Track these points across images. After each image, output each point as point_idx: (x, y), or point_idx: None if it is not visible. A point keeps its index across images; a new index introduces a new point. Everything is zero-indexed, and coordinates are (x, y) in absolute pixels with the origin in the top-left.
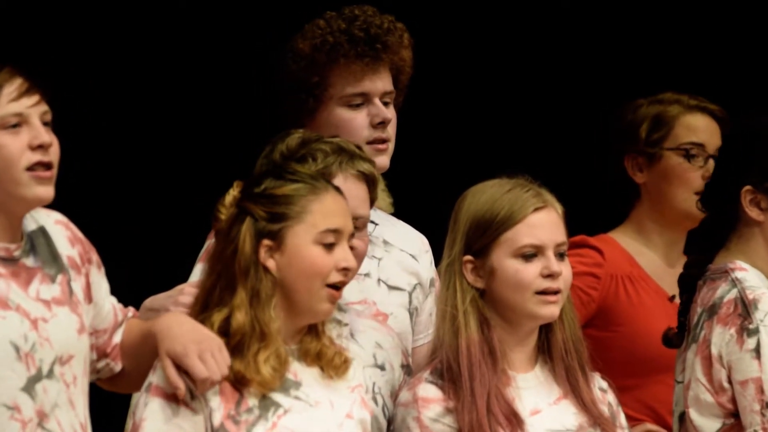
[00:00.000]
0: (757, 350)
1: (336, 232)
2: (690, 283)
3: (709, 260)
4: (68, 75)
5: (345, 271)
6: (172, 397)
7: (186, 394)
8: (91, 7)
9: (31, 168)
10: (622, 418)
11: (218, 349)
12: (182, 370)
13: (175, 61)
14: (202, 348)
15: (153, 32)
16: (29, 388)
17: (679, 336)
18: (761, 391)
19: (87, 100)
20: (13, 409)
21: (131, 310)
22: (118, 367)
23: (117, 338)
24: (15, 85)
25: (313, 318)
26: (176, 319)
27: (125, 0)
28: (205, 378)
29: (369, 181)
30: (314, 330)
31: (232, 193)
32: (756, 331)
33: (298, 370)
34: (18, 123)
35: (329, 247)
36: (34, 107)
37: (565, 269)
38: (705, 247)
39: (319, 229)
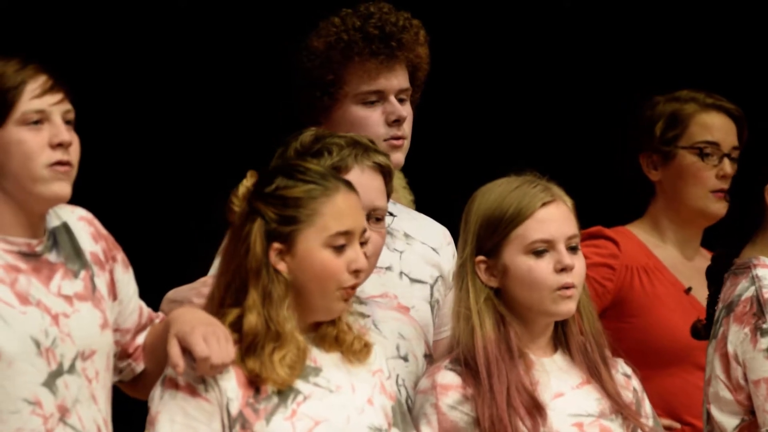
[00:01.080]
0: None
1: (347, 234)
2: (717, 275)
3: (735, 254)
4: (88, 73)
5: (356, 273)
6: (186, 389)
7: (199, 385)
8: (110, 5)
9: (50, 166)
10: (647, 405)
11: (225, 337)
12: (186, 351)
13: (191, 60)
14: (209, 331)
15: (170, 33)
16: (50, 383)
17: (708, 328)
18: None
19: (103, 98)
20: (34, 404)
21: (160, 316)
22: (139, 368)
23: (140, 339)
24: (39, 82)
25: (327, 316)
26: (191, 309)
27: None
28: (206, 357)
29: (385, 172)
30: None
31: (246, 184)
32: None
33: (317, 356)
34: (39, 120)
35: (340, 249)
36: (56, 105)
37: (578, 263)
38: (731, 242)
39: (330, 233)
